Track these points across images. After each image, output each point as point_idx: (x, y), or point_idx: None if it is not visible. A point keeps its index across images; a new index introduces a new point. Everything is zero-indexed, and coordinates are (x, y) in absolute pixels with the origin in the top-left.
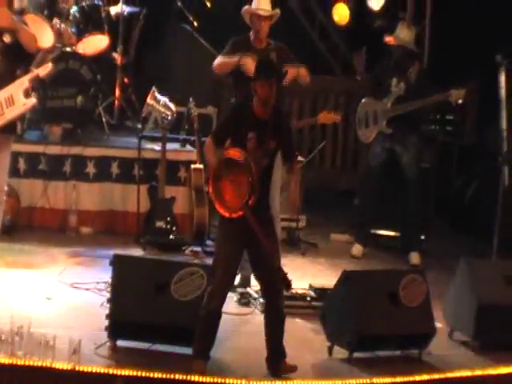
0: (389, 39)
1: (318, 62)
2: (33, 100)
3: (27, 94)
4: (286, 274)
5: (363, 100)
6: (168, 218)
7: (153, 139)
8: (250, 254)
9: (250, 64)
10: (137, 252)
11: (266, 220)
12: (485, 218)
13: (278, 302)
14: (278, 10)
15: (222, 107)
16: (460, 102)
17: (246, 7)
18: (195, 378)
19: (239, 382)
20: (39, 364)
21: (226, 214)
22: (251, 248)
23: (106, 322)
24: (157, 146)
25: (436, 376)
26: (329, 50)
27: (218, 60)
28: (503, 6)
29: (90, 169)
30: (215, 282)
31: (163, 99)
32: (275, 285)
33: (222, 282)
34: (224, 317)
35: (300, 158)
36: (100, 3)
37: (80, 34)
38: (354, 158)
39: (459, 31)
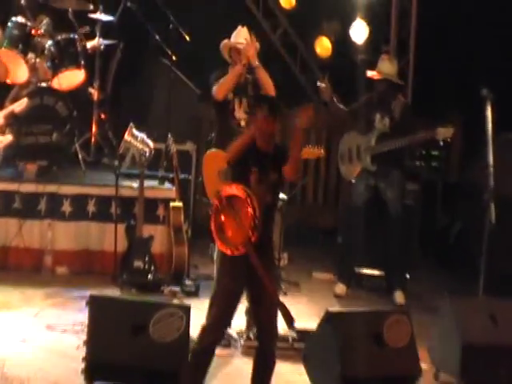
0: (371, 74)
1: (298, 96)
2: (9, 137)
3: (2, 131)
4: (288, 310)
5: (346, 135)
6: (146, 258)
7: (130, 176)
8: (250, 293)
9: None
10: (114, 292)
11: (268, 258)
12: (470, 256)
13: (271, 347)
14: (257, 44)
15: (201, 143)
16: (448, 140)
17: (225, 41)
18: None
19: None
20: None
21: (228, 252)
22: (252, 287)
23: (83, 365)
24: (134, 184)
25: None
26: (310, 84)
27: (217, 85)
28: (488, 39)
29: (66, 207)
30: (211, 317)
31: (141, 135)
32: (272, 328)
33: (218, 319)
34: None
35: (281, 196)
36: (76, 37)
37: (55, 69)
38: (337, 194)
39: (443, 64)
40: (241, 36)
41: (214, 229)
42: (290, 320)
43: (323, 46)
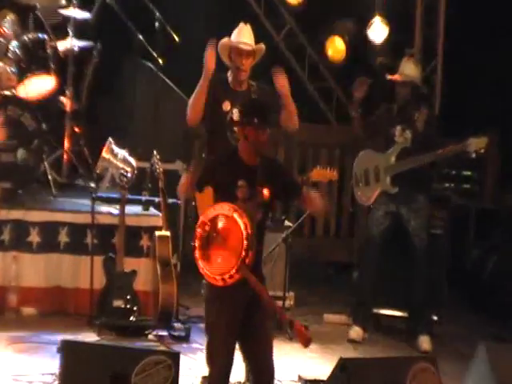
0: (393, 77)
1: (308, 108)
2: None
3: None
4: (303, 329)
5: (361, 152)
6: (128, 296)
7: (109, 201)
8: (246, 328)
9: (210, 58)
10: (90, 337)
11: (261, 281)
12: (507, 294)
13: None
14: (262, 45)
15: (193, 163)
16: (482, 151)
17: (225, 40)
18: None
19: None
20: None
21: (220, 283)
22: (250, 319)
23: None
24: (114, 210)
25: None
26: (321, 93)
27: (188, 106)
28: None
29: (34, 237)
30: (214, 369)
31: (122, 153)
32: (270, 368)
33: (222, 367)
34: None
35: (287, 223)
36: (45, 37)
37: (21, 75)
38: (351, 223)
39: (477, 71)
40: (243, 35)
41: (200, 260)
42: (306, 340)
43: (336, 47)
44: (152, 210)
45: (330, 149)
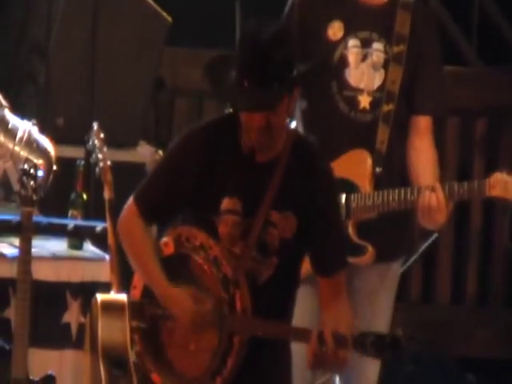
0: None
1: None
2: None
3: None
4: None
5: None
6: None
7: None
8: None
9: None
10: None
11: None
12: None
13: None
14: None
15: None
16: None
17: None
18: None
19: None
20: None
21: None
22: None
23: None
24: (8, 248)
25: None
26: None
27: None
28: None
29: None
30: None
31: (24, 127)
32: None
33: None
34: None
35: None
36: None
37: None
38: None
39: None
40: None
41: (143, 355)
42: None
43: None
44: (89, 249)
45: (466, 113)
